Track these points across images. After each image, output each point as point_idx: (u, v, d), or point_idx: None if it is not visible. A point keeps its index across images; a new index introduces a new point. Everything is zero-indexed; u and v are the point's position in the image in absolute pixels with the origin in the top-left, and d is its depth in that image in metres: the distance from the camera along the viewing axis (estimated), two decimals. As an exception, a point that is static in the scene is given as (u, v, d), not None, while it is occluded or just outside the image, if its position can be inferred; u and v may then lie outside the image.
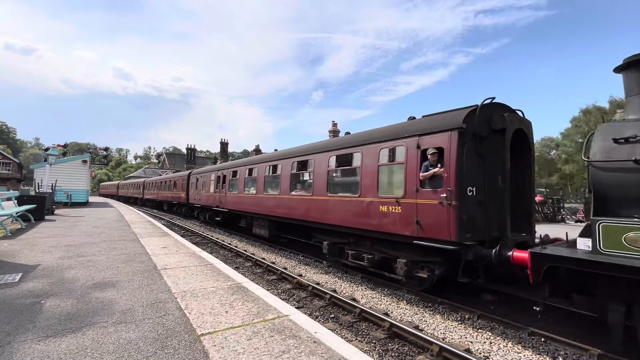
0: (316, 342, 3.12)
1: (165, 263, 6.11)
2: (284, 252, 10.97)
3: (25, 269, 5.31)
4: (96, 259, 6.20)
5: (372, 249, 7.15)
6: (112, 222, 12.92)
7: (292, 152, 10.53)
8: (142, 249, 7.39)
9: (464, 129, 5.40)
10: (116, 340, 3.01)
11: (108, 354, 2.76)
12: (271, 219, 11.32)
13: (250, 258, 9.57)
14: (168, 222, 19.72)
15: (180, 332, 3.22)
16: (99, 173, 77.07)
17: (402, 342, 4.59)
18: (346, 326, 5.13)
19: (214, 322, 3.47)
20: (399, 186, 6.32)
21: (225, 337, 3.14)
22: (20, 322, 3.32)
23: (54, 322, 3.36)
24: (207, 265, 6.09)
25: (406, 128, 6.49)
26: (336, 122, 25.37)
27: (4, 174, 51.83)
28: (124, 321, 3.42)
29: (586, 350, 4.17)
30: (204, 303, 4.04)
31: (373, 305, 6.04)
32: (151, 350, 2.84)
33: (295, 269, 8.58)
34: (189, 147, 50.86)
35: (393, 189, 6.53)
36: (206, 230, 16.35)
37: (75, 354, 2.75)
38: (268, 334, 3.24)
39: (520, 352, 4.32)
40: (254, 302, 4.15)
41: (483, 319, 5.29)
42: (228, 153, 48.34)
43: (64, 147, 23.84)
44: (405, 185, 6.11)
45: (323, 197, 8.32)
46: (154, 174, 55.83)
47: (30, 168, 28.96)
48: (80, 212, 17.46)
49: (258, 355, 2.82)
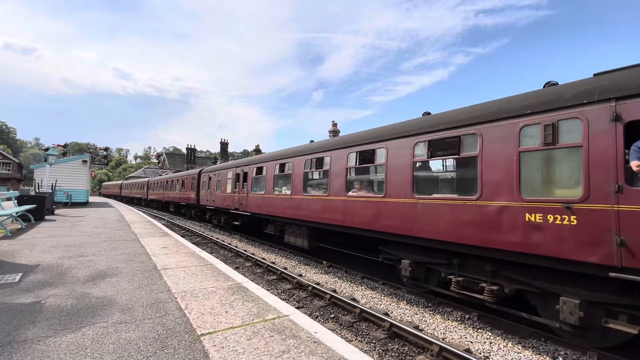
0: (316, 342, 3.12)
1: (165, 263, 6.11)
2: (284, 252, 10.96)
3: (25, 269, 5.31)
4: (96, 259, 6.20)
5: (496, 277, 4.98)
6: (112, 222, 12.92)
7: (348, 140, 7.98)
8: (142, 249, 7.39)
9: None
10: (116, 340, 3.01)
11: (108, 354, 2.76)
12: (313, 226, 9.00)
13: (250, 258, 9.57)
14: (168, 222, 19.71)
15: (180, 332, 3.22)
16: (99, 173, 77.06)
17: (402, 342, 4.59)
18: (346, 326, 5.13)
19: (214, 322, 3.48)
20: (572, 183, 4.19)
21: (225, 337, 3.14)
22: (20, 322, 3.32)
23: (54, 322, 3.36)
24: (207, 265, 6.09)
25: (586, 87, 4.16)
26: (336, 122, 25.38)
27: (4, 174, 51.86)
28: (124, 321, 3.42)
29: (586, 351, 4.17)
30: (204, 303, 4.05)
31: (373, 305, 6.04)
32: (151, 350, 2.84)
33: (295, 269, 8.58)
34: (189, 147, 50.89)
35: (554, 188, 4.34)
36: (206, 231, 16.34)
37: (76, 354, 2.75)
38: (268, 334, 3.24)
39: (520, 352, 4.32)
40: (254, 302, 4.15)
41: (483, 319, 5.29)
42: (228, 153, 48.34)
43: (64, 147, 23.83)
44: (587, 181, 3.93)
45: (406, 200, 6.06)
46: (154, 174, 55.83)
47: (30, 168, 28.96)
48: (80, 212, 17.46)
49: (258, 355, 2.82)
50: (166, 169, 57.70)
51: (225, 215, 15.98)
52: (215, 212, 17.36)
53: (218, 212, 16.79)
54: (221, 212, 16.30)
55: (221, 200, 15.73)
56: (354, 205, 7.31)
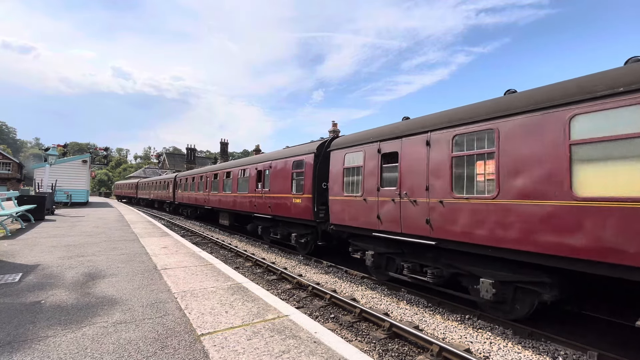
0: (316, 342, 3.12)
1: (165, 263, 6.11)
2: (284, 252, 10.96)
3: (25, 269, 5.31)
4: (96, 259, 6.20)
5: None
6: (112, 222, 12.92)
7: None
8: (142, 249, 7.39)
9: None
10: (116, 340, 3.01)
11: (108, 354, 2.76)
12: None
13: (250, 258, 9.57)
14: (168, 222, 19.71)
15: (180, 332, 3.22)
16: (99, 173, 77.02)
17: (402, 342, 4.60)
18: (346, 326, 5.13)
19: (214, 322, 3.47)
20: None
21: (225, 337, 3.14)
22: (20, 322, 3.32)
23: (54, 322, 3.36)
24: (207, 265, 6.09)
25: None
26: (336, 122, 25.41)
27: (4, 174, 51.87)
28: (124, 321, 3.42)
29: (586, 350, 4.18)
30: (204, 303, 4.05)
31: (373, 305, 6.03)
32: (151, 350, 2.84)
33: (295, 269, 8.58)
34: (189, 147, 50.92)
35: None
36: (206, 231, 16.35)
37: (76, 354, 2.75)
38: (268, 334, 3.24)
39: (520, 352, 4.32)
40: (254, 302, 4.15)
41: (483, 319, 5.29)
42: (228, 153, 48.36)
43: (64, 147, 23.84)
44: None
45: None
46: (153, 174, 55.84)
47: (31, 168, 28.94)
48: (80, 212, 17.46)
49: (258, 355, 2.82)
50: (166, 169, 57.74)
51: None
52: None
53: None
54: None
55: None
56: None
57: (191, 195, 21.33)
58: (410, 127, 6.48)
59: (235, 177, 14.65)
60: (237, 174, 14.46)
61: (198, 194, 19.98)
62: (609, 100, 3.87)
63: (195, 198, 20.45)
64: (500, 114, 4.94)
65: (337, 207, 8.22)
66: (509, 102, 4.95)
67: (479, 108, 5.34)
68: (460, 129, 5.45)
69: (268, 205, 11.37)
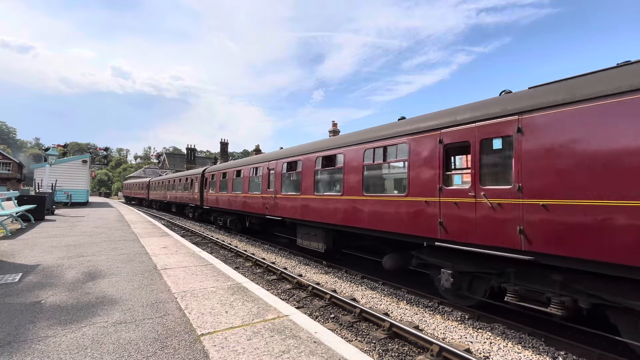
0: (316, 342, 3.12)
1: (165, 263, 6.11)
2: (284, 252, 10.97)
3: (25, 269, 5.31)
4: (96, 259, 6.20)
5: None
6: (112, 222, 12.92)
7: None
8: (142, 249, 7.39)
9: None
10: (116, 340, 3.01)
11: (108, 354, 2.76)
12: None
13: (250, 258, 9.57)
14: (168, 222, 19.72)
15: (180, 332, 3.22)
16: (99, 173, 77.08)
17: (402, 342, 4.59)
18: (346, 326, 5.13)
19: (214, 322, 3.48)
20: None
21: (225, 337, 3.14)
22: (20, 322, 3.32)
23: (54, 322, 3.36)
24: (207, 265, 6.09)
25: None
26: (336, 122, 25.41)
27: (4, 174, 51.87)
28: (124, 321, 3.42)
29: (586, 350, 4.17)
30: (204, 303, 4.05)
31: (373, 305, 6.04)
32: (151, 350, 2.84)
33: (295, 269, 8.58)
34: (189, 147, 50.87)
35: None
36: (206, 231, 16.34)
37: (76, 354, 2.75)
38: (268, 334, 3.24)
39: (520, 352, 4.32)
40: (254, 302, 4.15)
41: (483, 319, 5.29)
42: (228, 153, 48.34)
43: (64, 147, 23.88)
44: None
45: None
46: (154, 174, 55.81)
47: (31, 168, 28.96)
48: (80, 212, 17.46)
49: (258, 355, 2.82)
50: (166, 169, 57.73)
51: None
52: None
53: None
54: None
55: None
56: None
57: (235, 199, 14.41)
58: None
59: (357, 167, 7.45)
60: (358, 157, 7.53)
61: (249, 196, 12.95)
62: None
63: (244, 202, 13.51)
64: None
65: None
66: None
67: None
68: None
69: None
